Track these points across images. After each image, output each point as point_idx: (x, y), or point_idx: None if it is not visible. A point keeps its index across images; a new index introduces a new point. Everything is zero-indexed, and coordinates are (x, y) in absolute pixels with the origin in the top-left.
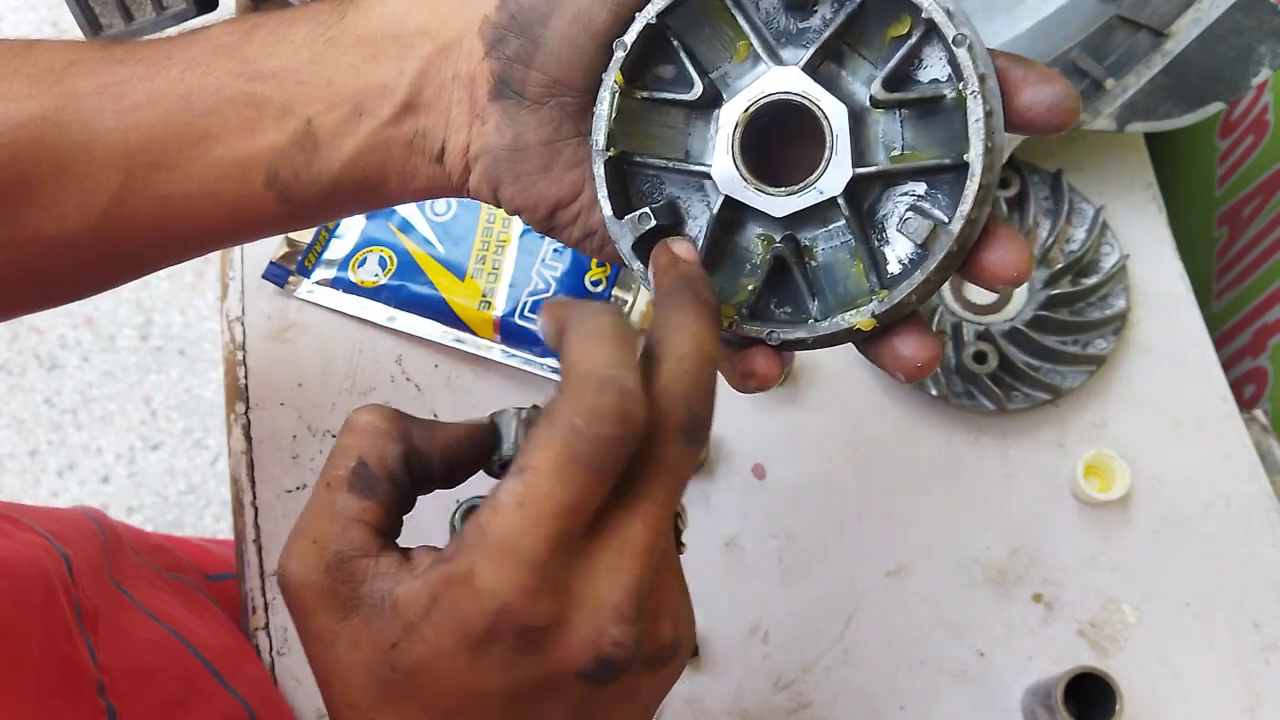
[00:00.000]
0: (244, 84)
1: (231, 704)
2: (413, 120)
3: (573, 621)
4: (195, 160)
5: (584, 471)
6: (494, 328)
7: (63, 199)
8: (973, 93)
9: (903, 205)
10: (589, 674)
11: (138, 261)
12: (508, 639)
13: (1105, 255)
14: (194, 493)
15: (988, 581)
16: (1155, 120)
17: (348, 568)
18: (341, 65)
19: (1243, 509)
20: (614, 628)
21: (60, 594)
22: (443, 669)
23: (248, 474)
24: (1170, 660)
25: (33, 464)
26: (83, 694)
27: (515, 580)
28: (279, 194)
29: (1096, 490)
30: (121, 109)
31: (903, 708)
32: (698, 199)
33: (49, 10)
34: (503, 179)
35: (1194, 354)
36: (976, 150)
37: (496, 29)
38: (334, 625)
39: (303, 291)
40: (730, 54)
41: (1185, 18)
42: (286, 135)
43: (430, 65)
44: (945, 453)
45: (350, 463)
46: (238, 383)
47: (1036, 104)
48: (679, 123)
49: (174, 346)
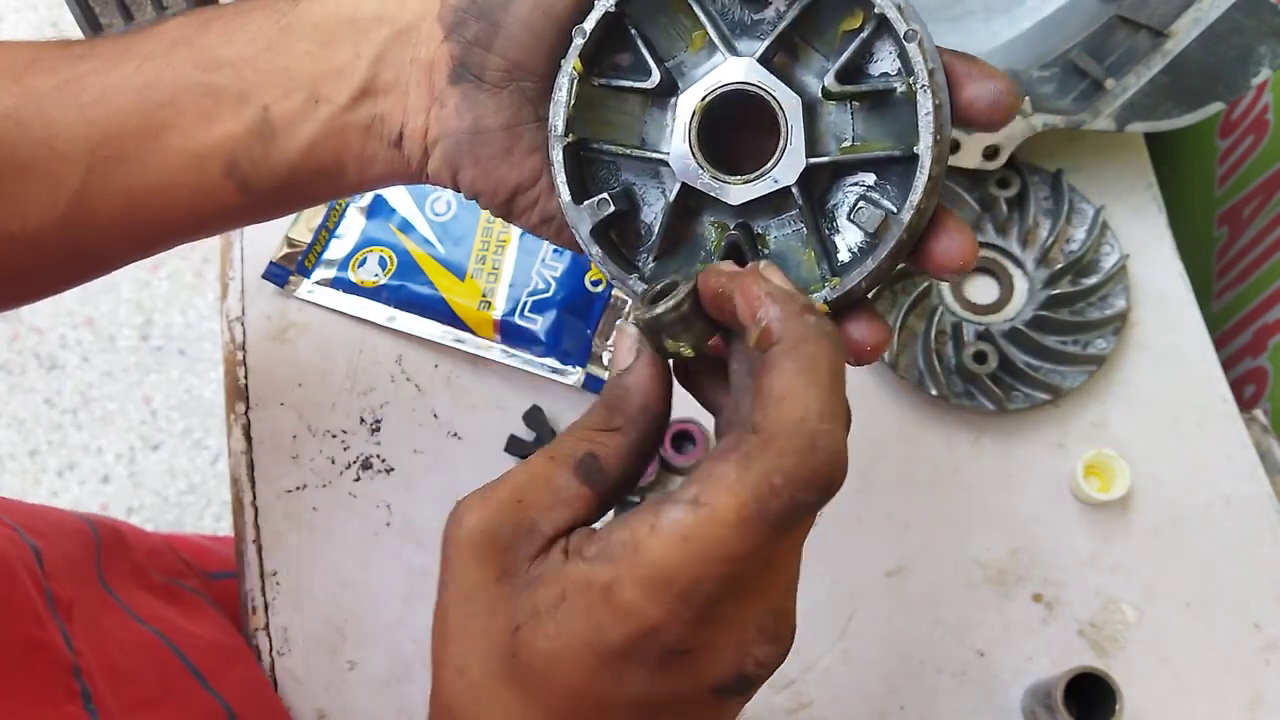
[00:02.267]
0: (200, 74)
1: (210, 704)
2: (370, 105)
3: (718, 643)
4: (154, 152)
5: (769, 532)
6: (494, 328)
7: (25, 196)
8: (923, 87)
9: (853, 195)
10: (727, 689)
11: (100, 258)
12: (651, 657)
13: (1105, 255)
14: (194, 493)
15: (988, 581)
16: (1155, 120)
17: (536, 539)
18: (297, 52)
19: (1243, 509)
20: (760, 648)
21: (25, 578)
22: (569, 671)
23: (248, 474)
24: (1170, 660)
25: (33, 464)
26: (54, 674)
27: (669, 609)
28: (238, 183)
29: (1096, 490)
30: (81, 104)
31: (903, 708)
32: (653, 186)
33: (49, 10)
34: (462, 162)
35: (1194, 354)
36: (926, 143)
37: (456, 12)
38: (489, 583)
39: (303, 291)
40: (686, 43)
41: (1185, 18)
42: (243, 124)
43: (387, 50)
44: (945, 453)
45: (584, 448)
46: (238, 383)
47: (979, 99)
48: (635, 110)
49: (174, 346)
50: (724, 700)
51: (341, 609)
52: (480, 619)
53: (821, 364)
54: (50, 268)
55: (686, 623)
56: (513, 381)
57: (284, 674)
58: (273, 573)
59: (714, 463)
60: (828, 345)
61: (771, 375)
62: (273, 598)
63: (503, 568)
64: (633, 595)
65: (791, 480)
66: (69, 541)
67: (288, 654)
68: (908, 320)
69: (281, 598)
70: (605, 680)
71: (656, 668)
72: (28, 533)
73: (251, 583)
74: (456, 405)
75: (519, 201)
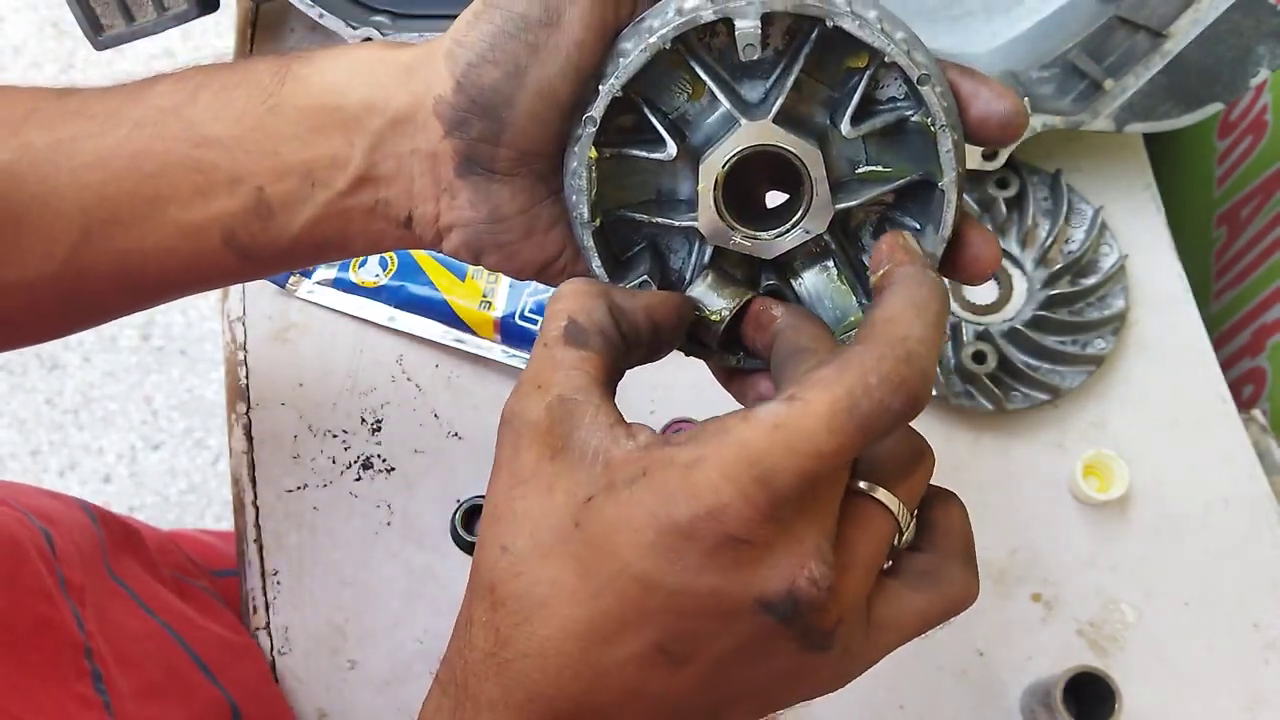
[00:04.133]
0: (190, 149)
1: (215, 697)
2: (372, 190)
3: (776, 549)
4: (149, 218)
5: (856, 430)
6: (494, 328)
7: (22, 248)
8: (942, 127)
9: (874, 214)
10: (772, 605)
11: (99, 309)
12: (708, 541)
13: (1104, 255)
14: (195, 492)
15: (987, 581)
16: (1154, 120)
17: (568, 407)
18: (285, 135)
19: (1242, 509)
20: (816, 564)
21: (35, 558)
22: (626, 542)
23: (249, 474)
24: (1170, 660)
25: (34, 464)
26: (64, 651)
27: (744, 490)
28: (238, 252)
29: (1096, 490)
30: (74, 166)
31: (902, 707)
32: (677, 236)
33: (49, 10)
34: (484, 249)
35: (1193, 354)
36: (949, 178)
37: (456, 111)
38: (537, 463)
39: (303, 292)
40: (686, 94)
41: (1184, 18)
42: (238, 202)
43: (383, 140)
44: (945, 453)
45: (561, 323)
46: (239, 383)
47: (990, 119)
48: (649, 167)
49: (175, 347)
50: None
51: (342, 608)
52: (534, 496)
53: (931, 305)
54: (47, 315)
55: (757, 510)
56: (513, 381)
57: (285, 673)
58: (273, 572)
59: (814, 370)
60: (940, 294)
61: (883, 304)
62: (274, 597)
63: (550, 445)
64: (712, 474)
65: (884, 381)
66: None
67: (288, 653)
68: None
69: (282, 597)
70: (658, 557)
71: (712, 552)
72: (39, 518)
73: (253, 582)
74: (457, 405)
75: (548, 273)
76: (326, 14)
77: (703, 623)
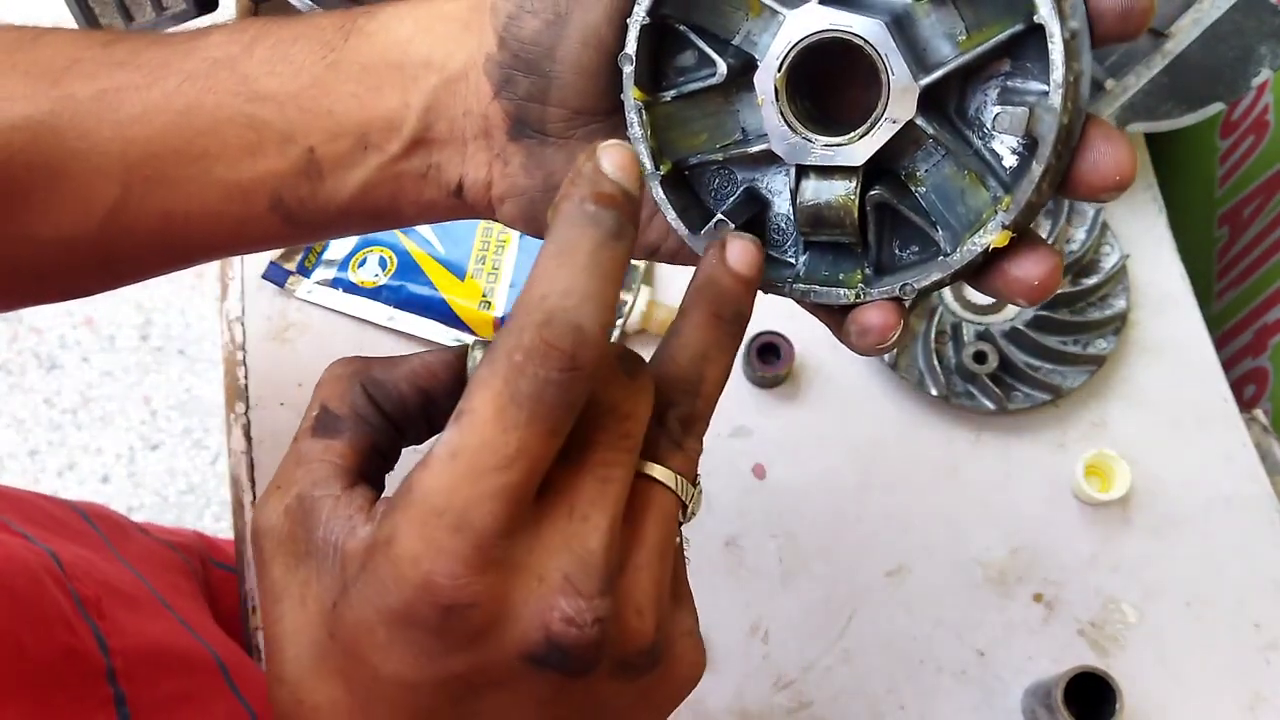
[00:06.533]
0: (243, 104)
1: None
2: (425, 155)
3: (513, 598)
4: (195, 178)
5: (528, 417)
6: (494, 328)
7: (59, 204)
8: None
9: (994, 90)
10: (538, 658)
11: (137, 267)
12: (430, 620)
13: (1105, 255)
14: (194, 493)
15: (988, 581)
16: (1156, 120)
17: (305, 505)
18: (343, 93)
19: (1243, 509)
20: (564, 601)
21: (50, 585)
22: (368, 645)
23: (248, 474)
24: (1170, 660)
25: (32, 464)
26: (87, 681)
27: (442, 547)
28: (284, 217)
29: (1097, 490)
30: (119, 120)
31: (903, 707)
32: (775, 173)
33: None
34: (543, 219)
35: (1194, 354)
36: (1046, 5)
37: (502, 69)
38: (284, 575)
39: (302, 291)
40: (745, 11)
41: (1185, 18)
42: (289, 162)
43: (438, 100)
44: (945, 453)
45: (314, 413)
46: (238, 383)
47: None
48: (721, 104)
49: (174, 346)
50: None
51: None
52: (289, 616)
53: (580, 247)
54: (83, 272)
55: (465, 564)
56: None
57: None
58: None
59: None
60: (592, 232)
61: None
62: None
63: (292, 553)
64: (407, 544)
65: (531, 354)
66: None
67: None
68: (908, 320)
69: None
70: (400, 654)
71: (445, 631)
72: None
73: (252, 582)
74: None
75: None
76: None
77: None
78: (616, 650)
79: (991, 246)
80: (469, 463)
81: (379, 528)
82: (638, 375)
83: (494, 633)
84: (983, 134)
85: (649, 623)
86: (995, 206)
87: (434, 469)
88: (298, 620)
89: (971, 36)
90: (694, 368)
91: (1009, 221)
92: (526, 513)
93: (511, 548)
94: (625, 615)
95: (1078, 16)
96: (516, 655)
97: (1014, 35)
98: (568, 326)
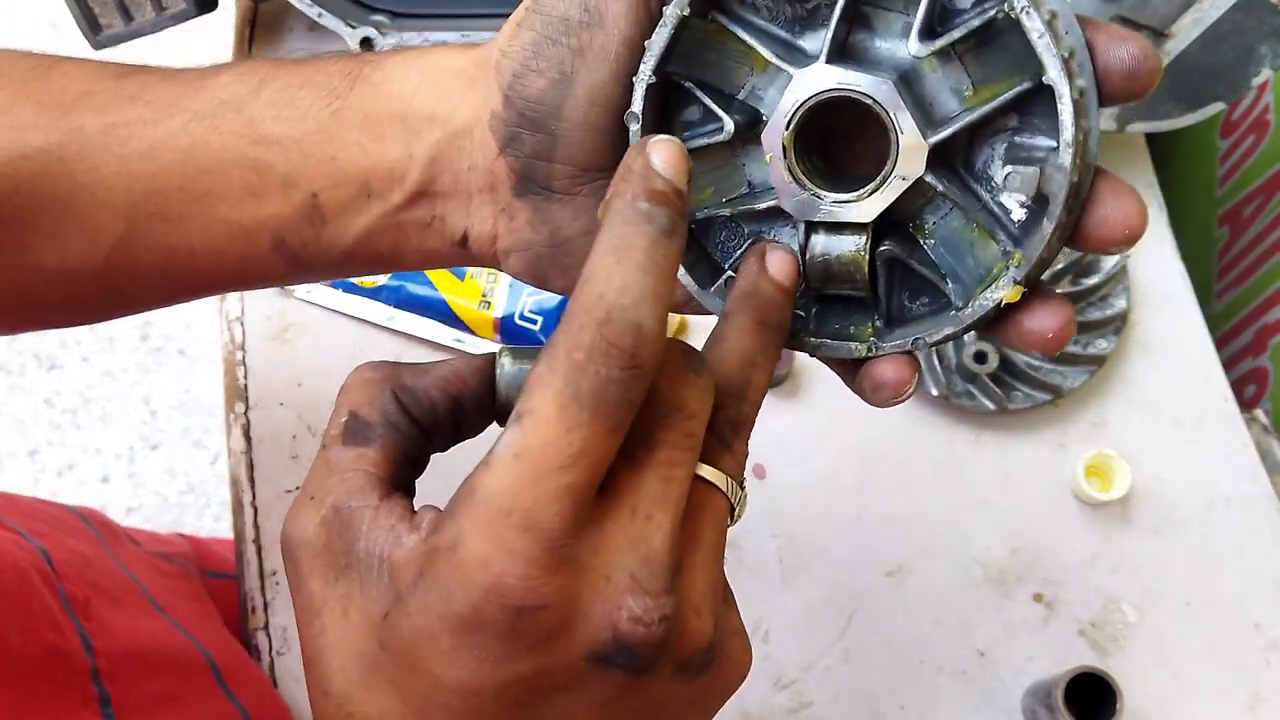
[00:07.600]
0: (247, 146)
1: (225, 706)
2: (428, 205)
3: (581, 599)
4: (198, 216)
5: (590, 415)
6: (494, 328)
7: (64, 235)
8: (1024, 8)
9: (1001, 145)
10: (606, 658)
11: (140, 301)
12: (500, 623)
13: (1106, 256)
14: (193, 493)
15: (988, 581)
16: (1156, 120)
17: (343, 518)
18: (346, 141)
19: (1243, 509)
20: (632, 599)
21: (39, 584)
22: (428, 654)
23: (247, 474)
24: (1170, 660)
25: (32, 464)
26: (71, 681)
27: (511, 548)
28: (287, 258)
29: (1097, 490)
30: (125, 155)
31: (903, 707)
32: (782, 225)
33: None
34: (549, 274)
35: (1195, 354)
36: (1054, 67)
37: (507, 126)
38: (325, 589)
39: (302, 291)
40: (749, 66)
41: (1186, 18)
42: (291, 206)
43: (441, 153)
44: (945, 453)
45: (342, 419)
46: (237, 383)
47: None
48: (727, 158)
49: (173, 346)
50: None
51: None
52: (334, 628)
53: (636, 245)
54: (86, 304)
55: (536, 565)
56: None
57: (284, 673)
58: (272, 572)
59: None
60: (647, 229)
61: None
62: (272, 597)
63: (331, 566)
64: (474, 546)
65: (592, 353)
66: (72, 538)
67: (287, 653)
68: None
69: (281, 597)
70: (463, 660)
71: (514, 634)
72: (31, 535)
73: (251, 583)
74: None
75: None
76: (325, 13)
77: (550, 704)
78: (676, 650)
79: (1004, 301)
80: (533, 462)
81: (438, 534)
82: (704, 374)
83: (563, 634)
84: (991, 188)
85: (707, 622)
86: (1006, 261)
87: (497, 470)
88: (342, 632)
89: (978, 91)
90: (742, 373)
91: (1020, 277)
92: (590, 512)
93: (578, 547)
94: (685, 615)
95: (1085, 74)
96: (583, 656)
97: (1019, 94)
98: (628, 324)
